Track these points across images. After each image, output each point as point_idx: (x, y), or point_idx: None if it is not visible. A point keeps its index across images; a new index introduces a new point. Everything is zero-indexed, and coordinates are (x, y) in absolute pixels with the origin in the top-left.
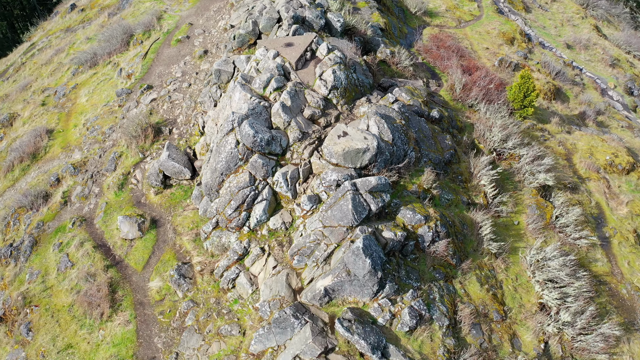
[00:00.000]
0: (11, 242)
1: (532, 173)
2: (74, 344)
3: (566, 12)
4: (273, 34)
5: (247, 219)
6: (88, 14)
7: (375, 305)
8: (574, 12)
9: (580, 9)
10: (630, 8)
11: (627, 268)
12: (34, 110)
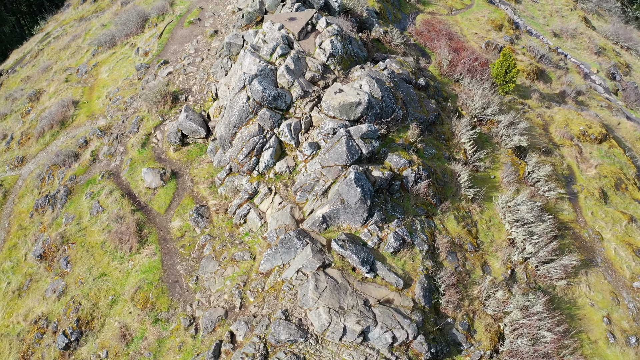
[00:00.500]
0: (47, 193)
1: (508, 135)
2: (107, 273)
3: (555, 3)
4: (278, 11)
5: (256, 164)
6: (100, 4)
7: (365, 230)
8: (563, 4)
9: (569, 1)
10: (621, 2)
11: (590, 217)
12: (59, 86)
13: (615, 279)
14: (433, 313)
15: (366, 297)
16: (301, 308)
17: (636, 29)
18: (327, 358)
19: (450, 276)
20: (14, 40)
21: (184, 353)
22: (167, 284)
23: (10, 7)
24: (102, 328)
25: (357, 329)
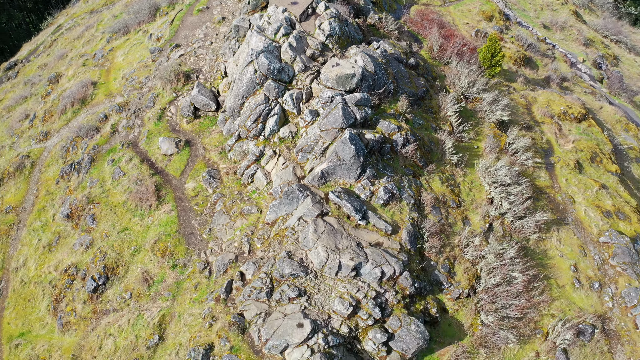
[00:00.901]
0: (71, 162)
1: (491, 111)
2: (129, 227)
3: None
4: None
5: (262, 130)
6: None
7: (359, 185)
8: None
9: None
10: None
11: (564, 183)
12: (77, 69)
13: (583, 235)
14: (417, 256)
15: (359, 240)
16: (302, 249)
17: (628, 24)
18: (325, 290)
19: (434, 226)
20: (20, 35)
21: (200, 292)
22: (183, 235)
23: (17, 4)
24: (126, 274)
25: (350, 264)
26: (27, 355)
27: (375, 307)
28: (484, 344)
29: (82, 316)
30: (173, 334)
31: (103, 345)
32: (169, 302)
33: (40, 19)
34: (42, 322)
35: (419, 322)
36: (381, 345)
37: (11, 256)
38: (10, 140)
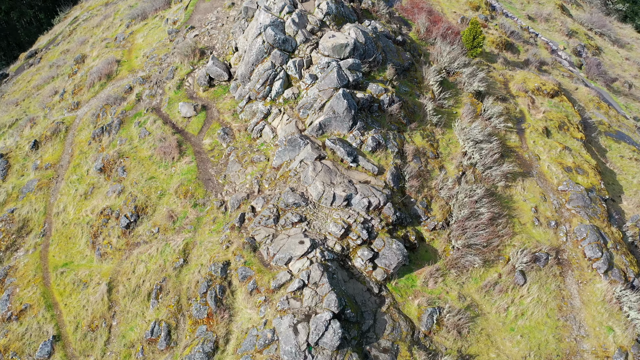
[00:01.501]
0: (102, 125)
1: (469, 83)
2: (155, 176)
3: None
4: None
5: (269, 92)
6: None
7: (351, 135)
8: None
9: None
10: None
11: (532, 144)
12: (100, 50)
13: (545, 185)
14: (399, 193)
15: (350, 178)
16: (303, 185)
17: (617, 20)
18: (322, 217)
19: (414, 170)
20: (31, 32)
21: (217, 224)
22: (202, 180)
23: (28, 2)
24: (154, 213)
25: (343, 195)
26: (71, 279)
27: (363, 230)
28: (454, 265)
29: (117, 248)
30: (195, 257)
31: (136, 269)
32: (191, 233)
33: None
34: (82, 254)
35: (399, 242)
36: (368, 262)
37: (52, 204)
38: (43, 112)
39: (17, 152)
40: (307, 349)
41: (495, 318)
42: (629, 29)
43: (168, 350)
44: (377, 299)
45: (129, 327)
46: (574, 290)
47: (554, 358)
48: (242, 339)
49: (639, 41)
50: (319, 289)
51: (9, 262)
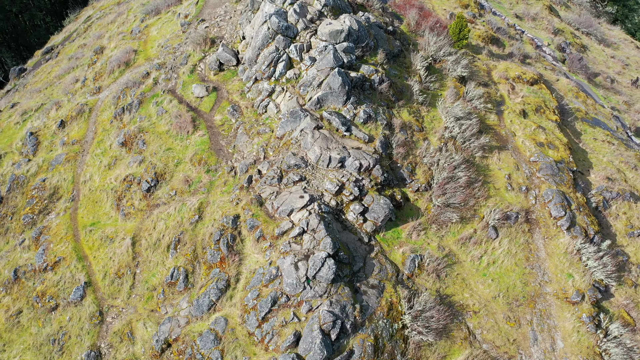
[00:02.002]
0: (123, 106)
1: (454, 69)
2: (172, 147)
3: None
4: None
5: (273, 73)
6: None
7: (345, 108)
8: None
9: None
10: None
11: (509, 123)
12: (118, 42)
13: (518, 157)
14: (387, 159)
15: (344, 145)
16: (303, 150)
17: (606, 22)
18: (319, 177)
19: (401, 139)
20: (40, 34)
21: (227, 186)
22: (214, 150)
23: (37, 4)
24: (172, 178)
25: (337, 157)
26: (99, 236)
27: (355, 188)
28: (435, 221)
29: (139, 209)
30: (209, 214)
31: (156, 225)
32: (205, 194)
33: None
34: (107, 215)
35: (386, 199)
36: (359, 215)
37: (79, 174)
38: (66, 97)
39: (45, 130)
40: (306, 281)
41: (469, 265)
42: (617, 30)
43: (186, 291)
44: (366, 247)
45: (151, 274)
46: (540, 244)
47: (520, 299)
48: (250, 277)
49: (626, 42)
50: (316, 234)
51: (42, 223)
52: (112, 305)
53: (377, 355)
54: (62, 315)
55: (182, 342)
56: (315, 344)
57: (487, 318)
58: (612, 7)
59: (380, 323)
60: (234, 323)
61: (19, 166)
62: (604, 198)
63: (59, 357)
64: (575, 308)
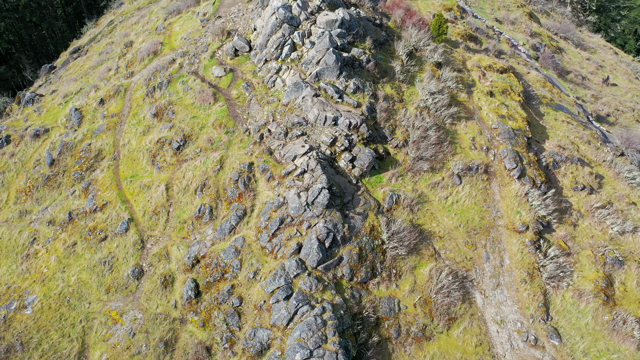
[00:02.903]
0: (153, 86)
1: (431, 56)
2: (196, 115)
3: (505, 1)
4: None
5: (280, 54)
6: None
7: (338, 81)
8: (512, 2)
9: (518, 1)
10: (572, 7)
11: (477, 100)
12: (145, 37)
13: (482, 125)
14: (372, 120)
15: (337, 109)
16: (304, 112)
17: (588, 30)
18: (317, 132)
19: (383, 107)
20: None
21: (243, 143)
22: (231, 117)
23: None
24: (197, 139)
25: (331, 117)
26: (138, 185)
27: (346, 140)
28: (410, 170)
29: (170, 163)
30: (228, 164)
31: (185, 175)
32: (224, 150)
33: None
34: (144, 169)
35: (371, 150)
36: (349, 162)
37: (119, 139)
38: (102, 82)
39: (87, 107)
40: (306, 205)
41: (437, 204)
42: (598, 37)
43: (211, 222)
44: (354, 187)
45: (181, 211)
46: (496, 189)
47: (477, 229)
48: (262, 207)
49: (605, 48)
50: (314, 173)
51: (89, 177)
52: (151, 235)
53: (361, 262)
54: (110, 243)
55: (209, 257)
56: (313, 249)
57: (449, 242)
58: (594, 17)
59: (364, 239)
60: (250, 240)
61: (66, 135)
62: (554, 160)
63: (109, 274)
64: (520, 236)
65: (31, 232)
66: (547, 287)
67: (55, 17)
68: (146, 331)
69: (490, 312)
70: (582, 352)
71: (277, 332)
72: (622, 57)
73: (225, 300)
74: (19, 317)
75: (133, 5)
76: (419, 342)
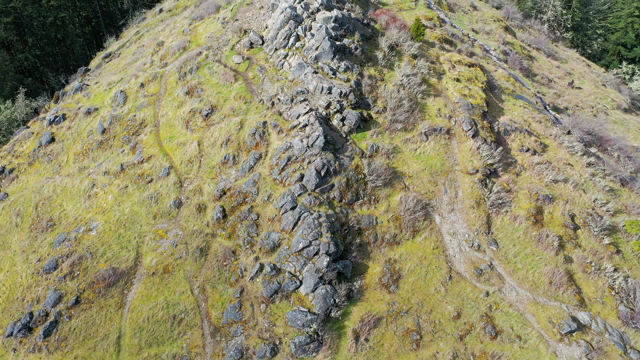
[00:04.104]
0: (184, 72)
1: (408, 49)
2: (221, 92)
3: (483, 16)
4: None
5: (287, 44)
6: (175, 11)
7: (332, 62)
8: (489, 17)
9: (495, 15)
10: (549, 25)
11: (445, 83)
12: (174, 38)
13: (447, 100)
14: (358, 91)
15: (331, 82)
16: (306, 85)
17: (564, 46)
18: (315, 98)
19: (368, 82)
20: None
21: (258, 109)
22: (249, 91)
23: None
24: (222, 108)
25: (327, 86)
26: (175, 143)
27: (337, 104)
28: (387, 129)
29: (200, 127)
30: (247, 124)
31: (213, 134)
32: (244, 115)
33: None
34: (179, 132)
35: (357, 112)
36: (340, 121)
37: (158, 112)
38: (140, 73)
39: (130, 90)
40: (307, 146)
41: (408, 154)
42: (572, 52)
43: (234, 166)
44: (344, 139)
45: (210, 159)
46: (455, 145)
47: (439, 171)
48: (274, 152)
49: (578, 60)
50: (313, 126)
51: (135, 139)
52: (187, 177)
53: (348, 189)
54: (155, 184)
55: (233, 189)
56: (312, 176)
57: (416, 180)
58: (569, 34)
59: (350, 173)
60: (264, 175)
61: (114, 110)
62: (505, 129)
63: (155, 205)
64: (472, 177)
65: (90, 181)
66: (490, 212)
67: (76, 34)
68: (185, 242)
69: (445, 227)
70: (513, 255)
71: (285, 234)
72: (594, 69)
73: (246, 217)
74: (86, 237)
75: (156, 18)
76: (391, 245)
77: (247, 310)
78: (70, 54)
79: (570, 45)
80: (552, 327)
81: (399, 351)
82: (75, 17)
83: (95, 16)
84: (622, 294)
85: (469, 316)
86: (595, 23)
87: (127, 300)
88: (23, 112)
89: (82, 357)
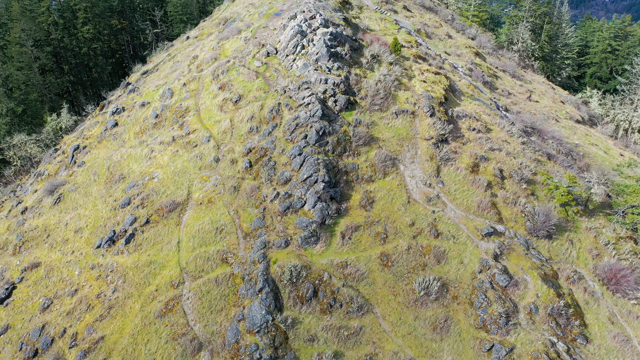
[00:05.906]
0: (217, 74)
1: (386, 59)
2: (246, 86)
3: (457, 43)
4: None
5: (295, 51)
6: (200, 37)
7: (328, 63)
8: (462, 44)
9: (467, 43)
10: (519, 55)
11: (413, 83)
12: (206, 52)
13: (414, 93)
14: (347, 83)
15: (327, 76)
16: (309, 78)
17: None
18: (316, 87)
19: (354, 78)
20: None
21: (274, 96)
22: (267, 84)
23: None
24: (247, 97)
25: (324, 79)
26: (213, 120)
27: (332, 91)
28: (368, 110)
29: (231, 110)
30: (266, 106)
31: (242, 115)
32: (263, 100)
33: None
34: (216, 114)
35: (346, 96)
36: (333, 103)
37: (198, 102)
38: (182, 76)
39: (175, 88)
40: (310, 117)
41: (383, 126)
42: (539, 77)
43: (257, 133)
44: (336, 115)
45: (240, 130)
46: (417, 122)
47: (404, 137)
48: (285, 122)
49: (543, 83)
50: (314, 104)
51: (182, 120)
52: (222, 142)
53: (339, 145)
54: (199, 148)
55: (256, 147)
56: (313, 135)
57: (388, 142)
58: (538, 63)
59: (340, 135)
60: (279, 137)
61: (164, 101)
62: (457, 114)
63: (200, 161)
64: (428, 141)
65: (149, 149)
66: (440, 164)
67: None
68: (223, 183)
69: (407, 172)
70: (454, 190)
71: (294, 172)
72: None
73: (266, 164)
74: (150, 183)
75: (184, 44)
76: (368, 182)
77: (268, 220)
78: (99, 81)
79: (541, 74)
80: (477, 232)
81: (371, 245)
82: (105, 48)
83: (120, 48)
84: (529, 216)
85: (420, 224)
86: (563, 54)
87: (183, 220)
88: (68, 123)
89: (153, 255)
